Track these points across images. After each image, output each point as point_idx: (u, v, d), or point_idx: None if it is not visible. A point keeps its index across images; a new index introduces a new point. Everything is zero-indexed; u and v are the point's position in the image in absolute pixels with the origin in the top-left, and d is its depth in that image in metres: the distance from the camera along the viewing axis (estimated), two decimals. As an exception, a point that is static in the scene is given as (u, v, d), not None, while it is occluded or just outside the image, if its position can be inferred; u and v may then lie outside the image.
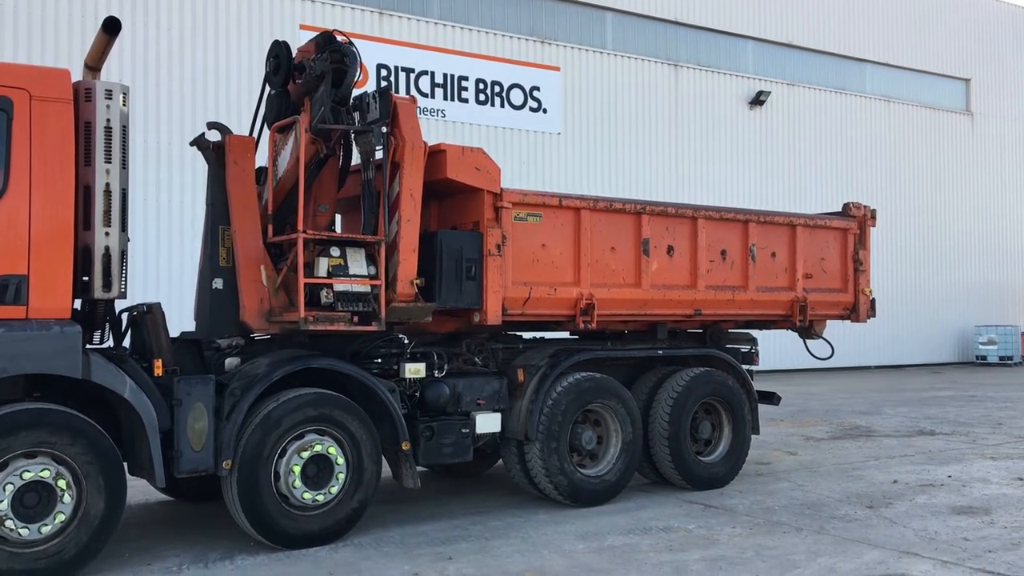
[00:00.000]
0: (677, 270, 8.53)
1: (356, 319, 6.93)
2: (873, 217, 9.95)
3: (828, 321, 9.85)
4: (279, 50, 7.51)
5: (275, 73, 7.52)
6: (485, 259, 7.40)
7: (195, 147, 7.37)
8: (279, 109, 7.49)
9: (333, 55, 7.04)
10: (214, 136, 7.36)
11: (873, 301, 9.88)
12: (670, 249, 8.48)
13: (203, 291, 7.34)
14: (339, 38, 7.19)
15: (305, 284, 6.75)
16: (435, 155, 7.35)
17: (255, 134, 7.68)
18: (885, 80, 27.81)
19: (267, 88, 7.73)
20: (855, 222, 9.83)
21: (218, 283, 7.14)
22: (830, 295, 9.64)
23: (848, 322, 10.01)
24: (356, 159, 7.46)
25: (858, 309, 9.80)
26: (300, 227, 6.77)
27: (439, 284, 7.27)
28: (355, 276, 6.94)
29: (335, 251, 6.94)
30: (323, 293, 6.84)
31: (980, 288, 29.12)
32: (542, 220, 7.78)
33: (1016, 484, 8.89)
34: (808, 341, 9.87)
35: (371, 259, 7.06)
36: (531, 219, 7.73)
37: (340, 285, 6.87)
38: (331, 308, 6.84)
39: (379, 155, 7.08)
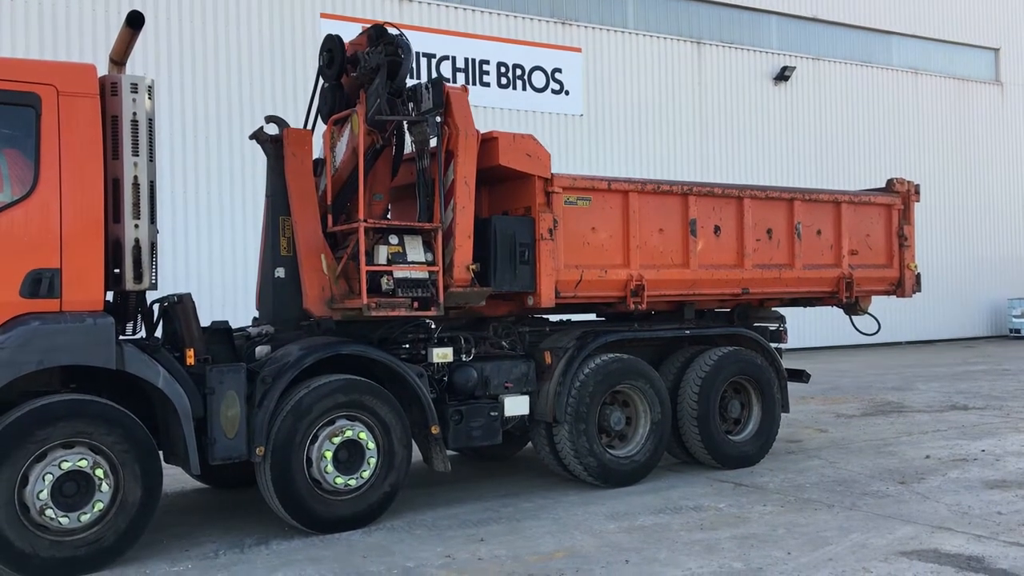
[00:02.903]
0: (724, 250, 8.59)
1: (416, 305, 7.05)
2: (917, 192, 9.97)
3: (873, 297, 9.85)
4: (332, 44, 7.67)
5: (329, 67, 7.70)
6: (538, 243, 7.51)
7: (254, 140, 7.54)
8: (333, 101, 7.68)
9: (387, 47, 7.18)
10: (272, 129, 7.51)
11: (918, 276, 9.91)
12: (717, 229, 8.53)
13: (265, 280, 7.54)
14: (391, 30, 7.27)
15: (366, 271, 6.84)
16: (487, 142, 7.45)
17: (310, 126, 7.81)
18: (912, 51, 27.34)
19: (320, 81, 7.86)
20: (899, 198, 9.83)
21: (280, 272, 7.32)
22: (876, 271, 9.65)
23: (893, 297, 10.02)
24: (407, 148, 7.58)
25: (903, 284, 9.84)
26: (361, 216, 6.89)
27: (494, 269, 7.39)
28: (413, 263, 7.07)
29: (393, 239, 7.07)
30: (383, 280, 6.97)
31: (1012, 260, 28.67)
32: (591, 204, 7.88)
33: (1051, 458, 8.82)
34: (854, 317, 9.90)
35: (428, 246, 7.18)
36: (581, 203, 7.82)
37: (399, 272, 7.01)
38: (391, 294, 6.96)
39: (432, 144, 7.18)
